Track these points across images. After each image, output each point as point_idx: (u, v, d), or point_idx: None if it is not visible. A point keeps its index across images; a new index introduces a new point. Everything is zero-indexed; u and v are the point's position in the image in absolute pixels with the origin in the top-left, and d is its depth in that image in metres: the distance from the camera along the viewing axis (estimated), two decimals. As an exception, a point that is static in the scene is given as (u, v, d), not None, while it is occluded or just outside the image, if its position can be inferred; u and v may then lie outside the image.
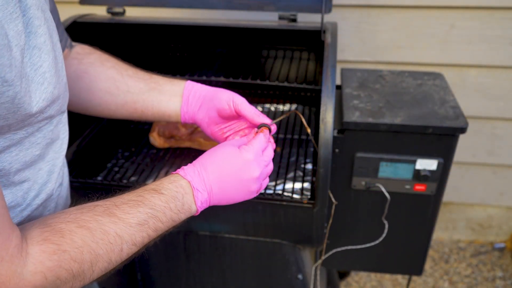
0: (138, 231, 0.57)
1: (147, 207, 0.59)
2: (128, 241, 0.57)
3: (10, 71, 0.46)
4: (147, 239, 0.59)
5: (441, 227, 1.96)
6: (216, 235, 1.12)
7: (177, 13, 1.52)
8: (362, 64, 1.60)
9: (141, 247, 0.60)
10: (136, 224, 0.57)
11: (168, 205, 0.61)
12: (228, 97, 0.76)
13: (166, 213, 0.60)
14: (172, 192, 0.62)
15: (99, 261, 0.54)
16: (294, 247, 1.10)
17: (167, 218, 0.61)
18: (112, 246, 0.55)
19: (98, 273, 0.56)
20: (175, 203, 0.62)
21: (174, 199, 0.62)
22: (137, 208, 0.58)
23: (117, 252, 0.56)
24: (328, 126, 0.89)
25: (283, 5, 1.11)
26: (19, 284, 0.47)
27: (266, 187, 1.01)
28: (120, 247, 0.56)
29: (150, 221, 0.58)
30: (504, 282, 1.76)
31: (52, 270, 0.49)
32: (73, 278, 0.52)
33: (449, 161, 1.00)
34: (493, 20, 1.44)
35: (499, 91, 1.56)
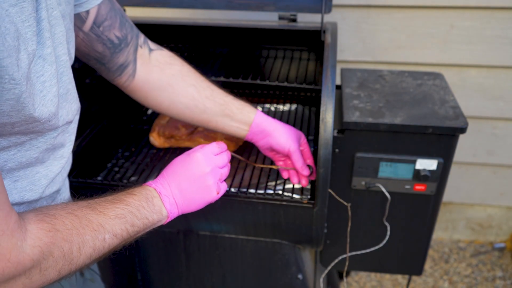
0: (117, 223, 0.63)
1: (123, 204, 0.65)
2: (110, 231, 0.61)
3: (18, 71, 0.48)
4: (125, 233, 0.64)
5: (441, 227, 1.96)
6: (216, 235, 1.12)
7: (177, 13, 1.52)
8: (362, 64, 1.60)
9: (121, 240, 0.64)
10: (115, 217, 0.63)
11: (141, 203, 0.68)
12: (286, 143, 0.93)
13: (140, 210, 0.67)
14: (143, 194, 0.70)
15: (86, 246, 0.58)
16: (294, 247, 1.10)
17: (142, 215, 0.67)
18: (96, 233, 0.60)
19: (83, 259, 0.59)
20: (147, 203, 0.69)
21: (146, 199, 0.69)
22: (115, 205, 0.64)
23: (101, 240, 0.60)
24: (328, 126, 0.89)
25: (283, 5, 1.11)
26: (19, 257, 0.49)
27: (266, 187, 1.01)
28: (103, 236, 0.60)
29: (127, 215, 0.64)
30: (504, 282, 1.76)
31: (48, 245, 0.53)
32: (64, 257, 0.55)
33: (449, 161, 1.00)
34: (493, 20, 1.44)
35: (499, 91, 1.56)
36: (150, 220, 0.69)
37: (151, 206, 0.69)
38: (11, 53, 0.46)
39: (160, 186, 0.73)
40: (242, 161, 1.11)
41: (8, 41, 0.46)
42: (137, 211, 0.66)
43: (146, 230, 0.70)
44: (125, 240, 0.65)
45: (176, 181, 0.74)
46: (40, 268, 0.53)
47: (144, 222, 0.68)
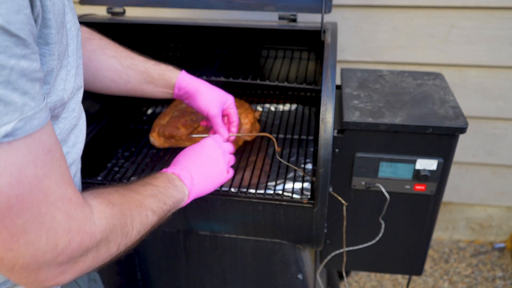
0: (152, 201, 0.67)
1: (152, 185, 0.70)
2: (149, 208, 0.66)
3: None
4: (161, 210, 0.69)
5: (441, 227, 1.96)
6: (216, 235, 1.12)
7: (177, 13, 1.52)
8: (362, 64, 1.60)
9: (158, 218, 0.68)
10: (150, 196, 0.67)
11: (166, 184, 0.73)
12: (205, 106, 0.93)
13: (167, 189, 0.72)
14: (165, 177, 0.75)
15: (135, 220, 0.62)
16: (294, 247, 1.10)
17: (169, 194, 0.72)
18: (140, 210, 0.63)
19: (135, 234, 0.62)
20: (170, 183, 0.74)
21: (168, 181, 0.74)
22: (145, 186, 0.69)
23: (144, 216, 0.64)
24: (328, 126, 0.89)
25: (283, 5, 1.11)
26: (91, 228, 0.51)
27: (266, 187, 1.01)
28: (145, 212, 0.64)
29: (158, 194, 0.69)
30: (504, 282, 1.76)
31: (110, 217, 0.56)
32: (122, 230, 0.58)
33: (449, 161, 1.00)
34: (493, 20, 1.44)
35: (499, 91, 1.56)
36: (176, 198, 0.73)
37: (174, 186, 0.74)
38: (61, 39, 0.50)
39: (177, 170, 0.78)
40: (241, 161, 1.11)
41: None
42: (165, 190, 0.71)
43: (172, 210, 0.74)
44: (160, 218, 0.69)
45: (191, 165, 0.80)
46: (107, 240, 0.55)
47: (172, 201, 0.72)
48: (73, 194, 0.49)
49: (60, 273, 0.50)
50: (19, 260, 0.45)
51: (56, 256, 0.47)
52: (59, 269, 0.49)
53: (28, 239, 0.44)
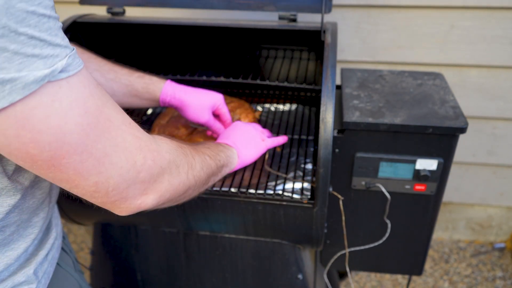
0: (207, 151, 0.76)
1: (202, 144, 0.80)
2: (205, 153, 0.74)
3: None
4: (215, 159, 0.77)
5: (441, 227, 1.96)
6: (216, 235, 1.12)
7: (177, 13, 1.52)
8: (362, 64, 1.60)
9: (216, 166, 0.77)
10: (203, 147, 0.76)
11: (216, 145, 0.83)
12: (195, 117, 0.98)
13: (218, 146, 0.83)
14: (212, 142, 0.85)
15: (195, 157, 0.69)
16: (294, 247, 1.10)
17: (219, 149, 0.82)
18: (197, 153, 0.71)
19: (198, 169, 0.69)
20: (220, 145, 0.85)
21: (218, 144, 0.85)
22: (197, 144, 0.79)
23: (203, 157, 0.72)
24: (328, 126, 0.89)
25: (283, 5, 1.11)
26: (158, 147, 0.58)
27: (266, 187, 1.01)
28: (203, 155, 0.72)
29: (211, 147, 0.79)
30: (504, 282, 1.76)
31: (170, 143, 0.63)
32: (186, 159, 0.65)
33: (449, 161, 1.00)
34: (493, 20, 1.44)
35: (499, 91, 1.56)
36: (226, 153, 0.83)
37: (221, 145, 0.84)
38: None
39: (221, 140, 0.89)
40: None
41: None
42: (213, 146, 0.81)
43: (225, 166, 0.83)
44: (217, 167, 0.77)
45: (232, 136, 0.91)
46: (175, 163, 0.62)
47: (222, 155, 0.81)
48: (130, 119, 0.55)
49: (145, 191, 0.57)
50: (110, 180, 0.52)
51: (138, 173, 0.54)
52: (143, 187, 0.56)
53: (111, 160, 0.51)
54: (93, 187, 0.51)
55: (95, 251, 1.25)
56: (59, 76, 0.44)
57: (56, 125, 0.45)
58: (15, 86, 0.41)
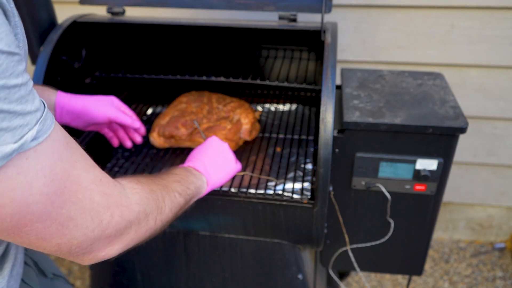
0: (177, 185, 0.74)
1: (173, 174, 0.77)
2: (175, 190, 0.72)
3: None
4: (185, 193, 0.75)
5: (441, 227, 1.96)
6: (216, 235, 1.12)
7: (177, 13, 1.52)
8: (362, 64, 1.60)
9: (184, 200, 0.74)
10: (173, 181, 0.74)
11: (185, 173, 0.80)
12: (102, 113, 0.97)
13: (188, 176, 0.79)
14: (182, 168, 0.82)
15: (165, 198, 0.68)
16: (294, 247, 1.10)
17: (190, 180, 0.79)
18: (168, 190, 0.70)
19: (167, 212, 0.67)
20: (189, 172, 0.81)
21: (187, 171, 0.82)
22: (168, 175, 0.76)
23: (173, 196, 0.70)
24: (328, 126, 0.89)
25: (283, 5, 1.11)
26: (127, 201, 0.57)
27: (266, 187, 1.01)
28: (173, 193, 0.71)
29: (181, 180, 0.76)
30: (504, 282, 1.76)
31: (142, 192, 0.62)
32: (156, 205, 0.64)
33: (449, 161, 1.00)
34: (493, 20, 1.44)
35: (499, 91, 1.56)
36: (196, 185, 0.80)
37: (193, 175, 0.82)
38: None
39: (192, 163, 0.86)
40: (242, 161, 1.11)
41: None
42: (186, 177, 0.78)
43: (195, 197, 0.80)
44: (186, 201, 0.75)
45: (204, 158, 0.88)
46: (145, 213, 0.61)
47: (194, 186, 0.79)
48: (102, 174, 0.54)
49: (110, 244, 0.56)
50: (73, 241, 0.51)
51: (104, 230, 0.53)
52: (108, 241, 0.55)
53: (76, 223, 0.50)
54: (55, 247, 0.51)
55: (95, 251, 1.25)
56: (29, 146, 0.43)
57: (20, 197, 0.43)
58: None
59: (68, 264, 1.91)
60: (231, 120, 1.13)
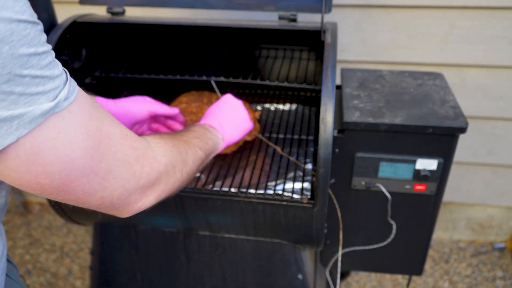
0: (197, 141, 0.78)
1: (192, 132, 0.82)
2: (196, 145, 0.76)
3: None
4: (205, 149, 0.79)
5: (441, 227, 1.96)
6: (216, 235, 1.12)
7: (177, 13, 1.52)
8: (362, 64, 1.60)
9: (204, 155, 0.79)
10: (193, 137, 0.79)
11: (202, 131, 0.84)
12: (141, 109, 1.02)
13: (205, 134, 0.84)
14: (199, 126, 0.87)
15: (188, 152, 0.72)
16: (294, 247, 1.10)
17: (207, 137, 0.83)
18: (189, 145, 0.74)
19: (191, 165, 0.72)
20: (206, 130, 0.86)
21: (204, 129, 0.86)
22: (186, 132, 0.80)
23: (194, 151, 0.74)
24: (328, 126, 0.89)
25: (283, 5, 1.11)
26: (153, 153, 0.61)
27: (266, 187, 1.01)
28: (195, 148, 0.75)
29: (199, 136, 0.81)
30: (504, 282, 1.76)
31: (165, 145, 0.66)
32: (180, 157, 0.68)
33: (449, 161, 1.00)
34: (493, 20, 1.44)
35: (499, 91, 1.56)
36: (213, 141, 0.85)
37: (209, 132, 0.86)
38: None
39: (207, 121, 0.90)
40: (242, 161, 1.11)
41: None
42: (203, 134, 0.83)
43: (212, 153, 0.84)
44: (206, 156, 0.80)
45: (219, 116, 0.92)
46: (171, 164, 0.65)
47: (212, 142, 0.84)
48: (127, 130, 0.58)
49: (144, 194, 0.61)
50: (114, 193, 0.55)
51: (138, 181, 0.58)
52: (142, 191, 0.60)
53: (114, 175, 0.54)
54: (99, 201, 0.55)
55: (95, 251, 1.25)
56: (63, 105, 0.47)
57: (64, 154, 0.47)
58: (22, 121, 0.43)
59: (68, 264, 1.91)
60: None
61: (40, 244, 2.03)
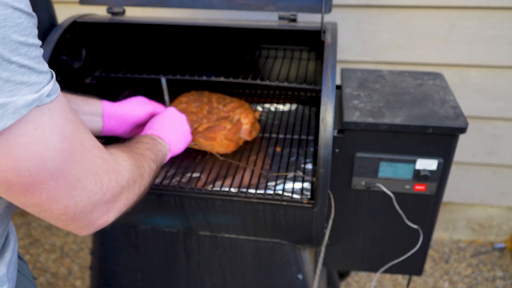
0: (149, 153, 0.78)
1: (143, 143, 0.81)
2: (149, 157, 0.76)
3: None
4: (156, 160, 0.79)
5: (441, 227, 1.96)
6: (216, 235, 1.12)
7: (177, 13, 1.52)
8: (362, 64, 1.60)
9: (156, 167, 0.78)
10: (146, 149, 0.78)
11: (152, 141, 0.84)
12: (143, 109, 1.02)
13: (155, 145, 0.84)
14: (148, 137, 0.86)
15: (145, 164, 0.72)
16: (294, 247, 1.10)
17: (157, 148, 0.83)
18: (145, 158, 0.74)
19: (147, 178, 0.72)
20: (154, 141, 0.85)
21: (152, 139, 0.86)
22: (138, 144, 0.80)
23: (149, 163, 0.74)
24: (328, 126, 0.89)
25: (283, 5, 1.11)
26: (119, 167, 0.61)
27: (266, 187, 1.01)
28: (148, 161, 0.75)
29: (150, 148, 0.80)
30: (504, 282, 1.76)
31: (128, 159, 0.65)
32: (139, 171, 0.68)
33: (449, 161, 1.00)
34: (493, 20, 1.44)
35: (499, 91, 1.56)
36: (163, 152, 0.85)
37: (158, 143, 0.86)
38: None
39: (155, 132, 0.90)
40: (241, 161, 1.11)
41: None
42: (153, 146, 0.82)
43: (161, 163, 0.84)
44: (157, 167, 0.79)
45: (165, 127, 0.92)
46: (133, 179, 0.64)
47: (161, 153, 0.84)
48: (97, 141, 0.57)
49: (107, 210, 0.59)
50: (79, 204, 0.54)
51: (103, 195, 0.57)
52: (106, 207, 0.59)
53: (82, 185, 0.53)
54: (62, 211, 0.53)
55: (95, 251, 1.25)
56: (45, 101, 0.46)
57: (38, 152, 0.47)
58: (6, 112, 0.43)
59: (68, 264, 1.91)
60: (231, 120, 1.13)
61: (40, 244, 2.03)
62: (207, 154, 1.14)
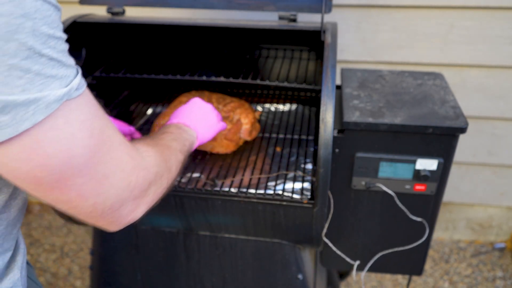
0: (176, 144, 0.77)
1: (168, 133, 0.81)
2: (176, 148, 0.75)
3: None
4: (183, 150, 0.79)
5: (441, 227, 1.96)
6: (216, 235, 1.12)
7: (177, 13, 1.52)
8: (362, 64, 1.60)
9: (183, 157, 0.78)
10: (172, 140, 0.77)
11: (178, 131, 0.83)
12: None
13: (181, 134, 0.83)
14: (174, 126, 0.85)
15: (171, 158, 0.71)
16: (294, 247, 1.10)
17: (183, 137, 0.82)
18: (171, 150, 0.73)
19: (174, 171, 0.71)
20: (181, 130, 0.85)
21: (179, 128, 0.85)
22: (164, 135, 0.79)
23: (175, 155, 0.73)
24: (328, 126, 0.89)
25: (283, 5, 1.11)
26: (146, 164, 0.60)
27: (266, 187, 1.01)
28: (175, 152, 0.74)
29: (177, 138, 0.80)
30: (504, 282, 1.76)
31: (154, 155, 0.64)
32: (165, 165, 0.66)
33: (449, 161, 1.00)
34: (493, 20, 1.44)
35: (499, 91, 1.56)
36: (190, 141, 0.84)
37: (185, 132, 0.85)
38: None
39: (181, 120, 0.89)
40: (241, 161, 1.11)
41: None
42: (180, 135, 0.82)
43: (189, 151, 0.84)
44: (184, 157, 0.79)
45: (191, 115, 0.91)
46: (160, 174, 0.64)
47: (188, 142, 0.83)
48: (124, 138, 0.57)
49: (136, 206, 0.59)
50: (107, 202, 0.53)
51: (131, 192, 0.56)
52: (135, 203, 0.58)
53: (110, 182, 0.52)
54: (91, 208, 0.53)
55: (95, 251, 1.25)
56: (74, 95, 0.46)
57: (66, 148, 0.46)
58: (38, 107, 0.42)
59: (68, 264, 1.91)
60: (231, 120, 1.13)
61: (40, 244, 2.03)
62: (207, 154, 1.14)
